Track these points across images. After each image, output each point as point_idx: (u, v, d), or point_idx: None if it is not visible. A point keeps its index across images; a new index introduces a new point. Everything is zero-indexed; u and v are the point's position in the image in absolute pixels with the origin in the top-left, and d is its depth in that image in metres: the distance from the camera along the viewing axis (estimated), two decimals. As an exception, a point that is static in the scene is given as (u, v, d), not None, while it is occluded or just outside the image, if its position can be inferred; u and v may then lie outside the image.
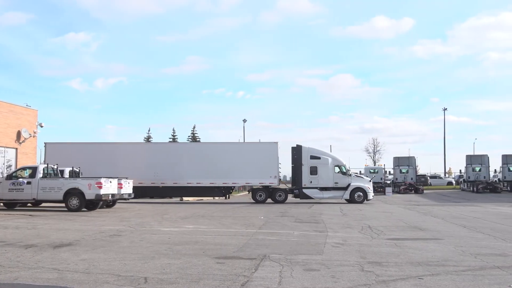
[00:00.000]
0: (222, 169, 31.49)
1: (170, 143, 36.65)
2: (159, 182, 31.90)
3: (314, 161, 31.50)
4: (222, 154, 32.21)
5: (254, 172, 31.53)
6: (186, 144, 34.85)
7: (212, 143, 35.82)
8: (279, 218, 19.72)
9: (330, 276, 7.98)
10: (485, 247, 11.42)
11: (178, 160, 32.14)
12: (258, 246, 11.35)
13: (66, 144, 34.69)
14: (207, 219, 19.29)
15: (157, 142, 38.90)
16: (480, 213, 22.83)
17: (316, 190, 31.42)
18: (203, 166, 31.76)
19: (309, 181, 31.45)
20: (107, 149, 33.70)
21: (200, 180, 31.66)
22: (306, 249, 11.06)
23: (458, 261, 9.43)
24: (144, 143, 35.14)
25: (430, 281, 7.68)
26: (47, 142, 33.23)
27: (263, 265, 8.91)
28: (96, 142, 37.97)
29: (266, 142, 33.63)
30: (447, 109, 71.60)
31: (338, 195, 31.38)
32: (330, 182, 31.33)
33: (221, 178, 31.70)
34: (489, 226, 16.49)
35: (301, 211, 23.76)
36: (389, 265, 8.99)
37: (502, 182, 52.95)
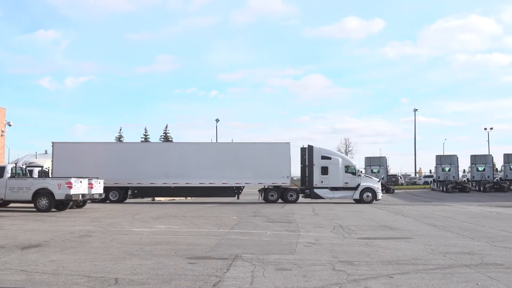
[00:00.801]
0: (234, 169, 31.49)
1: (182, 143, 36.32)
2: (171, 182, 31.65)
3: (325, 161, 31.71)
4: (234, 154, 32.21)
5: (267, 172, 31.59)
6: (198, 144, 34.75)
7: (225, 143, 35.89)
8: (252, 218, 19.72)
9: (302, 276, 8.01)
10: (454, 246, 11.60)
11: (190, 160, 31.96)
12: (230, 246, 11.33)
13: (74, 144, 34.39)
14: (179, 219, 19.18)
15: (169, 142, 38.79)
16: (450, 212, 23.20)
17: (327, 190, 31.63)
18: (216, 166, 31.67)
19: (320, 181, 31.64)
20: (116, 149, 33.54)
21: (212, 180, 31.61)
22: (278, 248, 11.07)
23: (428, 260, 9.56)
24: (155, 143, 34.96)
25: (400, 279, 7.76)
26: (54, 141, 32.81)
27: (235, 265, 8.89)
28: (105, 142, 37.76)
29: (279, 143, 33.80)
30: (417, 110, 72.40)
31: (348, 195, 31.56)
32: (340, 182, 31.54)
33: (233, 178, 31.66)
34: (458, 225, 16.76)
35: (273, 211, 23.80)
36: (360, 264, 9.06)
37: (471, 182, 53.96)
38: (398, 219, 19.64)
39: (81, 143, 34.72)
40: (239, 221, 18.23)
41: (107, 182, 30.48)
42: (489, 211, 23.81)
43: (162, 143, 35.06)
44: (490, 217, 20.71)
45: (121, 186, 31.79)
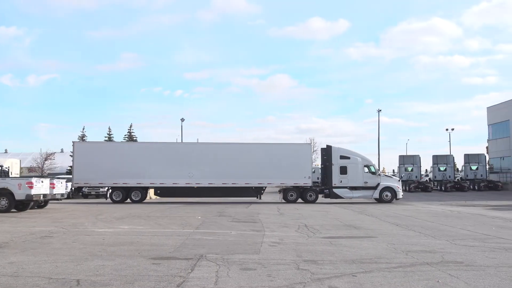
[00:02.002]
0: (257, 170, 31.44)
1: (204, 143, 36.00)
2: (194, 182, 31.52)
3: (344, 161, 31.74)
4: (256, 154, 32.18)
5: (288, 172, 31.61)
6: (221, 144, 34.58)
7: (247, 144, 35.74)
8: (217, 217, 19.66)
9: (267, 275, 8.01)
10: (416, 244, 11.80)
11: (214, 161, 31.85)
12: (195, 246, 11.27)
13: (94, 143, 34.41)
14: (143, 219, 18.98)
15: (190, 142, 38.46)
16: (412, 211, 23.59)
17: (346, 190, 31.64)
18: (238, 167, 31.62)
19: (339, 181, 31.65)
20: (139, 149, 33.08)
21: (235, 181, 31.49)
22: (243, 248, 11.06)
23: (390, 258, 9.69)
24: (178, 143, 34.72)
25: (363, 278, 7.84)
26: (75, 141, 32.79)
27: (200, 265, 8.85)
28: (127, 142, 37.30)
29: (300, 143, 34.42)
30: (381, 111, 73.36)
31: (367, 194, 31.67)
32: (359, 181, 31.58)
33: (256, 179, 31.62)
34: (420, 224, 17.06)
35: (238, 210, 23.79)
36: (324, 263, 9.12)
37: (433, 182, 55.01)
38: (362, 218, 19.86)
39: (102, 142, 34.96)
40: (204, 221, 18.15)
41: (129, 182, 30.94)
42: (450, 210, 24.30)
43: (185, 143, 34.89)
44: (451, 216, 21.14)
45: (143, 186, 31.81)
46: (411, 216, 20.60)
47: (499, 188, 51.16)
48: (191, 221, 18.12)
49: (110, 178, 31.33)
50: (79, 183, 31.95)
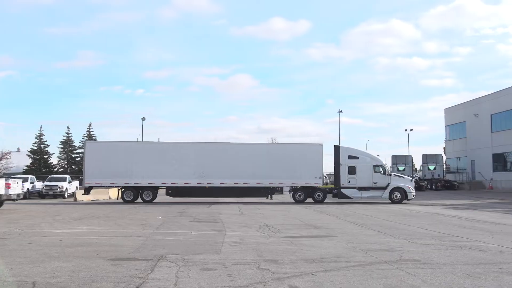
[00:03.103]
0: (268, 170, 31.14)
1: (216, 143, 35.47)
2: (206, 182, 31.14)
3: (352, 161, 31.38)
4: (268, 155, 31.88)
5: (300, 172, 31.34)
6: (233, 144, 34.22)
7: (259, 144, 35.34)
8: (177, 218, 19.53)
9: (227, 275, 8.00)
10: (375, 243, 11.97)
11: (225, 161, 31.47)
12: (155, 247, 11.16)
13: (107, 142, 33.68)
14: (102, 220, 18.69)
15: (203, 142, 38.01)
16: (371, 210, 23.92)
17: (355, 190, 31.25)
18: (250, 167, 31.29)
19: (348, 181, 31.26)
20: (150, 148, 32.50)
21: (247, 181, 31.18)
22: (204, 248, 11.01)
23: (350, 257, 9.81)
24: (190, 143, 34.13)
25: (323, 277, 7.91)
26: (86, 140, 31.70)
27: (160, 266, 8.77)
28: (139, 141, 36.69)
29: (312, 144, 33.56)
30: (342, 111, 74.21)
31: (377, 195, 31.21)
32: (369, 181, 31.15)
33: (267, 179, 31.31)
34: (379, 223, 17.32)
35: (200, 210, 23.67)
36: (284, 262, 9.16)
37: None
38: (323, 217, 20.04)
39: (114, 142, 34.19)
40: (164, 221, 18.00)
41: (140, 182, 30.59)
42: (409, 210, 24.75)
43: (197, 143, 34.40)
44: (409, 215, 21.53)
45: (155, 186, 31.47)
46: (371, 215, 20.89)
47: (455, 188, 52.42)
48: (151, 221, 17.94)
49: (122, 178, 31.03)
50: (90, 182, 31.49)
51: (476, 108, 55.15)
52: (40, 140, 76.12)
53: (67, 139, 78.30)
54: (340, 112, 74.07)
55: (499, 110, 50.96)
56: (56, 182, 40.52)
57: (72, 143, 78.94)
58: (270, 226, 16.00)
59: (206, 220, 18.41)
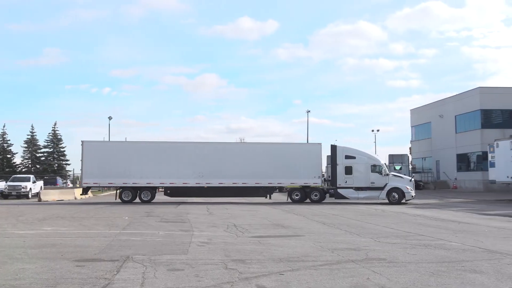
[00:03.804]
0: (267, 170, 30.90)
1: (215, 143, 34.93)
2: (204, 182, 30.87)
3: (349, 160, 31.02)
4: (267, 154, 31.59)
5: (299, 172, 31.10)
6: (231, 144, 34.04)
7: (258, 144, 34.97)
8: (144, 218, 19.35)
9: (194, 275, 7.96)
10: (342, 242, 12.08)
11: (224, 161, 31.20)
12: (121, 247, 11.03)
13: (104, 142, 33.42)
14: (67, 220, 18.39)
15: (201, 142, 37.62)
16: (339, 210, 24.12)
17: (351, 190, 30.87)
18: (249, 167, 31.02)
19: (344, 181, 30.89)
20: (148, 148, 31.96)
21: (245, 181, 30.93)
22: (171, 249, 10.94)
23: (317, 256, 9.87)
24: (188, 143, 33.84)
25: (290, 276, 7.94)
26: (84, 140, 31.52)
27: (126, 267, 8.67)
28: (136, 140, 36.43)
29: (311, 143, 33.73)
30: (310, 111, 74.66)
31: (374, 195, 30.70)
32: (366, 182, 30.70)
33: (266, 179, 31.06)
34: (346, 223, 17.48)
35: (167, 210, 23.50)
36: (252, 262, 9.17)
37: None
38: (290, 217, 20.12)
39: (112, 141, 34.12)
40: (131, 221, 17.82)
41: (139, 182, 30.28)
42: (375, 209, 25.05)
43: (195, 143, 34.09)
44: (375, 214, 21.80)
45: (153, 186, 31.12)
46: (338, 215, 21.07)
47: (421, 188, 53.20)
48: (117, 221, 17.74)
49: (120, 178, 30.69)
50: (88, 183, 31.19)
51: (441, 109, 56.19)
52: (3, 139, 74.62)
53: (31, 138, 76.94)
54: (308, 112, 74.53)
55: (463, 112, 52.05)
56: (19, 182, 39.68)
57: (37, 142, 77.60)
58: (238, 226, 15.99)
59: (173, 220, 18.29)
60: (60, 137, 79.14)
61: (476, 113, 49.79)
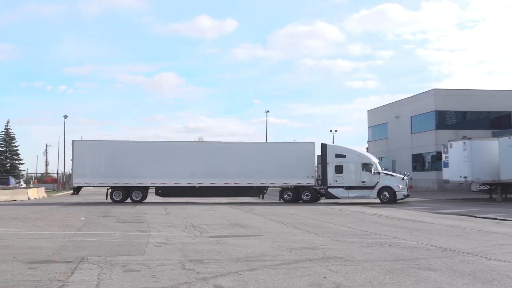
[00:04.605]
0: (260, 169, 30.43)
1: (206, 142, 34.34)
2: (196, 182, 30.34)
3: (339, 159, 30.51)
4: (259, 154, 31.11)
5: (292, 172, 30.59)
6: (223, 143, 33.37)
7: (250, 143, 34.31)
8: (101, 218, 19.04)
9: (151, 276, 7.87)
10: (299, 242, 12.16)
11: (215, 160, 30.73)
12: (76, 249, 10.81)
13: (95, 141, 32.38)
14: (19, 221, 17.91)
15: (192, 141, 36.95)
16: (296, 209, 24.27)
17: (342, 190, 30.31)
18: (241, 166, 30.59)
19: (335, 180, 30.35)
20: (138, 147, 31.35)
21: (238, 180, 30.44)
22: (128, 249, 10.78)
23: (275, 256, 9.90)
24: (179, 142, 33.24)
25: (248, 276, 7.94)
26: (75, 140, 30.83)
27: (81, 268, 8.50)
28: (127, 140, 35.58)
29: (304, 143, 32.82)
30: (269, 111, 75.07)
31: (365, 194, 30.15)
32: (357, 181, 30.19)
33: (258, 178, 30.56)
34: (304, 222, 17.61)
35: (124, 211, 23.17)
36: (210, 262, 9.12)
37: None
38: (249, 217, 20.14)
39: (102, 141, 32.89)
40: (87, 222, 17.50)
41: (129, 182, 29.82)
42: (332, 208, 25.32)
43: (187, 142, 33.48)
44: (333, 213, 22.04)
45: (144, 185, 30.55)
46: (296, 214, 21.20)
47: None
48: (73, 222, 17.39)
49: (111, 178, 30.18)
50: (79, 182, 30.69)
51: (397, 110, 57.24)
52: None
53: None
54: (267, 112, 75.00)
55: (418, 113, 53.17)
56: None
57: (-13, 141, 75.45)
58: (196, 226, 15.90)
59: (130, 221, 18.06)
60: (13, 136, 77.30)
61: (430, 114, 50.95)
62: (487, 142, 33.99)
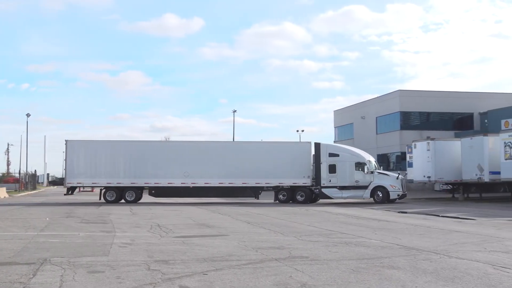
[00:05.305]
0: (254, 169, 30.03)
1: (200, 142, 33.44)
2: (190, 182, 29.95)
3: (333, 158, 29.97)
4: (255, 153, 30.73)
5: (287, 172, 30.20)
6: (217, 143, 33.11)
7: (245, 142, 34.10)
8: (64, 219, 18.72)
9: (115, 277, 7.76)
10: (266, 241, 12.18)
11: (210, 160, 30.38)
12: (39, 250, 10.58)
13: (88, 141, 31.96)
14: (-20, 222, 17.49)
15: (187, 141, 36.06)
16: (263, 209, 24.32)
17: (335, 190, 29.79)
18: (235, 166, 30.21)
19: (328, 180, 29.81)
20: (132, 148, 31.06)
21: (232, 180, 30.05)
22: (92, 250, 10.62)
23: (241, 256, 9.89)
24: (173, 142, 33.03)
25: (214, 276, 7.91)
26: (68, 139, 30.19)
27: (43, 270, 8.32)
28: (121, 140, 35.29)
29: (300, 142, 32.82)
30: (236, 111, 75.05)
31: (358, 194, 29.78)
32: (350, 180, 29.73)
33: (253, 178, 30.06)
34: (270, 222, 17.65)
35: (88, 211, 22.84)
36: (175, 262, 9.06)
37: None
38: (215, 217, 20.08)
39: (96, 141, 32.42)
40: (50, 222, 17.19)
41: (123, 182, 29.52)
42: (299, 208, 25.47)
43: (180, 142, 32.94)
44: (299, 213, 22.16)
45: (138, 186, 30.17)
46: (263, 214, 21.24)
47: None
48: (35, 223, 17.05)
49: (104, 178, 29.90)
50: (72, 182, 30.35)
51: (362, 110, 57.93)
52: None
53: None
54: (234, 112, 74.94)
55: (383, 113, 53.94)
56: None
57: None
58: (162, 226, 15.77)
59: (95, 221, 17.80)
60: (-27, 135, 75.13)
61: (395, 115, 51.75)
62: (450, 142, 34.73)
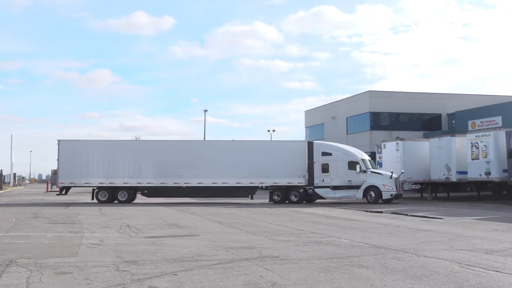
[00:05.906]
0: (249, 169, 29.55)
1: (193, 141, 32.67)
2: (183, 182, 29.49)
3: (326, 157, 29.40)
4: (248, 153, 30.20)
5: (282, 171, 29.62)
6: (210, 142, 32.77)
7: (239, 141, 33.46)
8: (31, 219, 18.39)
9: (84, 278, 7.66)
10: (236, 241, 12.17)
11: (203, 159, 29.94)
12: (4, 251, 10.37)
13: (81, 141, 31.50)
14: None
15: (180, 140, 35.45)
16: (234, 209, 24.32)
17: (328, 190, 29.18)
18: (229, 165, 29.68)
19: (321, 180, 29.23)
20: (125, 147, 30.74)
21: (226, 180, 29.50)
22: (59, 251, 10.45)
23: (211, 256, 9.86)
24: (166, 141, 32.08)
25: (184, 276, 7.87)
26: (60, 139, 29.69)
27: (9, 271, 8.16)
28: (113, 139, 34.68)
29: (295, 141, 32.03)
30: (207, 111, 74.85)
31: (351, 194, 28.95)
32: (342, 180, 29.11)
33: (247, 178, 29.55)
34: (241, 222, 17.65)
35: (56, 211, 22.49)
36: (145, 263, 8.98)
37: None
38: (186, 217, 19.99)
39: (88, 141, 32.10)
40: (16, 223, 16.86)
41: (115, 182, 29.09)
42: (270, 208, 25.53)
43: (173, 141, 32.24)
44: (270, 213, 22.21)
45: (130, 186, 29.68)
46: (233, 214, 21.23)
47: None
48: (0, 223, 16.69)
49: (97, 178, 29.49)
50: (64, 183, 29.86)
51: (333, 111, 58.42)
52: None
53: None
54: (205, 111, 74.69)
55: (353, 114, 54.49)
56: None
57: None
58: (132, 227, 15.62)
59: (63, 222, 17.53)
60: None
61: (365, 115, 52.33)
62: (419, 143, 35.27)
